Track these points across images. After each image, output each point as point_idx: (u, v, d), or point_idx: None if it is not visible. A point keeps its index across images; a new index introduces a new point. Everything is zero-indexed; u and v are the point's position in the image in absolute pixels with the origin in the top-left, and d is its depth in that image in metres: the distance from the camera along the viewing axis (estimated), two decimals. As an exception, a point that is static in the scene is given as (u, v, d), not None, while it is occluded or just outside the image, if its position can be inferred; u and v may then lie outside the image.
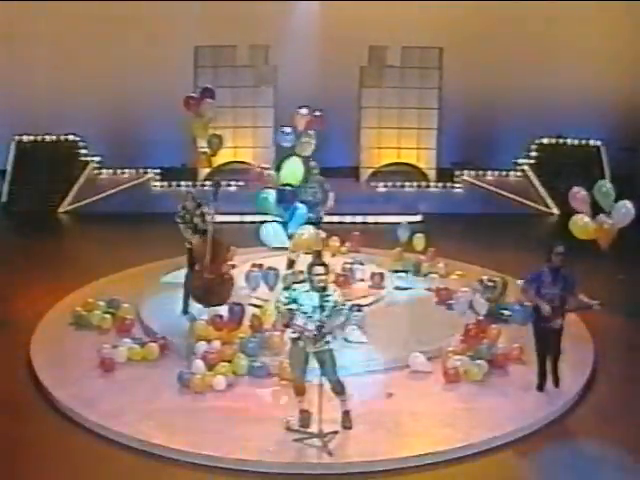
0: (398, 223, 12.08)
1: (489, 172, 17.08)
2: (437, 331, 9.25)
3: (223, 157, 17.14)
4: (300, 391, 7.11)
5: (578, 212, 8.62)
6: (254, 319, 8.98)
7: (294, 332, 6.82)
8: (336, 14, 16.75)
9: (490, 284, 9.67)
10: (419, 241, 11.84)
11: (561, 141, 17.06)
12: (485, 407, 7.70)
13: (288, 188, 9.19)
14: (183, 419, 7.38)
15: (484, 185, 16.95)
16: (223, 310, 9.05)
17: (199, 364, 8.22)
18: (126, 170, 16.96)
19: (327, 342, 6.95)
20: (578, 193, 8.48)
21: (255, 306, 9.23)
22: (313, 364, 7.01)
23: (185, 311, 9.49)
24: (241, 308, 8.95)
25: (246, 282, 9.12)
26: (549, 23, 16.99)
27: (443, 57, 16.87)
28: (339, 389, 7.10)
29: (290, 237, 8.75)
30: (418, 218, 14.61)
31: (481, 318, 9.33)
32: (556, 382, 8.14)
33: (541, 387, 8.05)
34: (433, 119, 17.19)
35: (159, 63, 16.70)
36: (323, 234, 10.54)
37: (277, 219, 9.23)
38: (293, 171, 9.93)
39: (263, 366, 8.28)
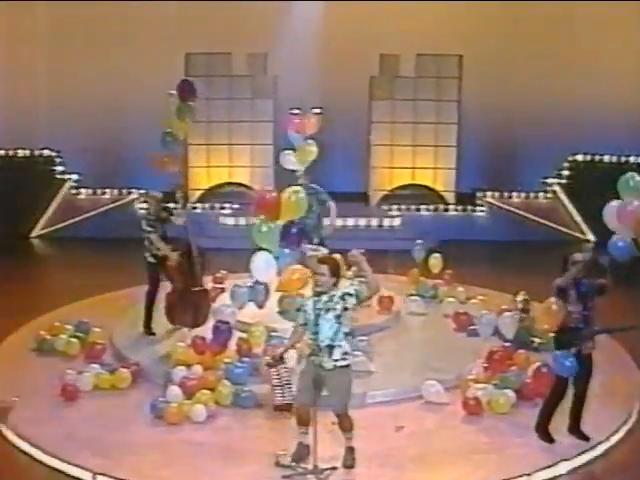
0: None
1: (515, 193, 16.76)
2: (455, 359, 8.93)
3: (217, 178, 16.99)
4: (303, 420, 6.67)
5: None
6: (242, 342, 8.74)
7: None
8: (342, 19, 16.57)
9: (524, 303, 9.34)
10: (436, 262, 11.58)
11: (597, 158, 16.67)
12: (512, 444, 7.26)
13: (294, 227, 8.59)
14: (153, 453, 7.02)
15: (509, 208, 16.59)
16: (206, 331, 8.86)
17: (175, 391, 7.89)
18: (107, 190, 16.74)
19: (336, 360, 6.51)
20: (630, 206, 6.64)
21: (242, 330, 8.98)
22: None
23: (148, 330, 9.48)
24: (227, 328, 8.65)
25: (231, 299, 8.69)
26: (583, 28, 16.72)
27: (463, 66, 16.63)
28: (346, 424, 6.75)
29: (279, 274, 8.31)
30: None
31: (507, 344, 8.88)
32: (576, 429, 7.30)
33: (546, 432, 7.25)
34: (452, 135, 16.89)
35: (146, 72, 16.53)
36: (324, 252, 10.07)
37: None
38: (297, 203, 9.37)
39: (251, 395, 7.92)
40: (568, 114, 16.49)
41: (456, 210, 16.66)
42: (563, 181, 16.79)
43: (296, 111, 10.68)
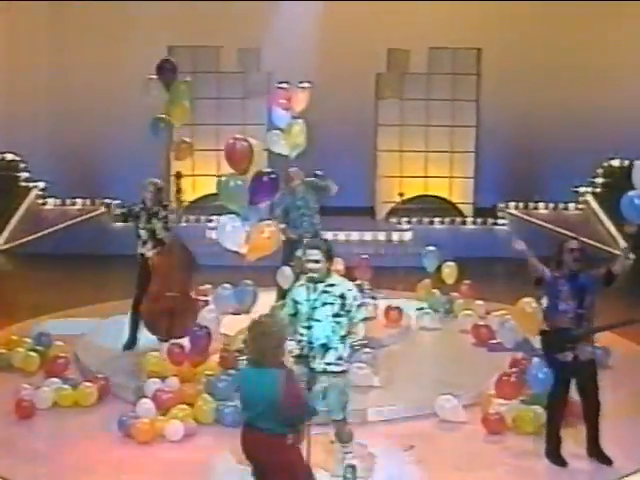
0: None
1: (541, 204, 16.69)
2: (474, 375, 8.83)
3: (204, 189, 16.83)
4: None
5: None
6: (226, 353, 8.56)
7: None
8: (345, 10, 16.56)
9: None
10: (450, 271, 11.42)
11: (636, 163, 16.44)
12: (540, 467, 7.07)
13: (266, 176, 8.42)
14: (119, 475, 6.89)
15: (535, 221, 16.43)
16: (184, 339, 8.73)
17: (148, 405, 7.73)
18: (78, 200, 16.63)
19: (328, 364, 6.36)
20: None
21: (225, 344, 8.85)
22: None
23: (130, 345, 9.43)
24: (206, 333, 8.48)
25: (214, 303, 8.46)
26: (617, 21, 16.62)
27: (482, 61, 16.60)
28: (344, 435, 6.62)
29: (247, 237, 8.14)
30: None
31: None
32: (596, 451, 7.06)
33: (558, 456, 7.02)
34: (469, 140, 16.84)
35: (122, 67, 16.51)
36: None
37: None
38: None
39: (236, 412, 7.55)
40: (602, 115, 16.37)
41: (474, 224, 16.56)
42: (597, 190, 16.59)
43: (283, 85, 10.49)
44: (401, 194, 14.56)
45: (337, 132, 16.14)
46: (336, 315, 6.30)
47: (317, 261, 6.34)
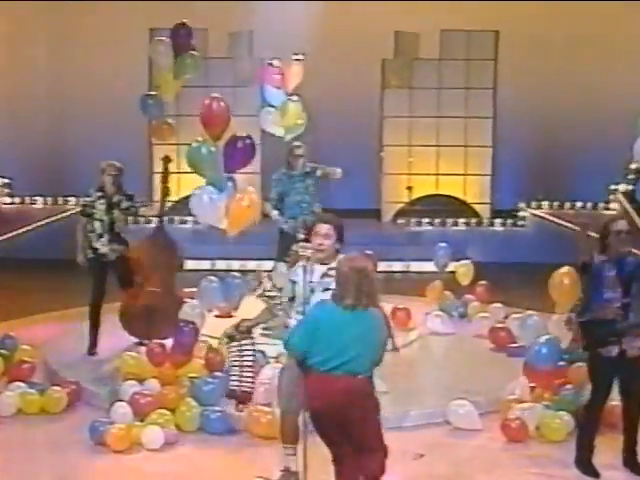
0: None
1: (568, 203, 16.65)
2: (492, 381, 8.82)
3: (189, 187, 16.77)
4: (290, 435, 6.50)
5: None
6: (212, 354, 8.59)
7: None
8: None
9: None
10: (465, 271, 11.49)
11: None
12: (571, 478, 7.01)
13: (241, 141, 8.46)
14: None
15: (561, 222, 16.27)
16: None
17: (124, 410, 7.76)
18: (39, 198, 16.68)
19: None
20: None
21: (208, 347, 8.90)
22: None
23: (92, 348, 9.58)
24: (192, 329, 8.47)
25: (198, 298, 8.43)
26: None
27: (500, 44, 16.53)
28: None
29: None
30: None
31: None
32: (633, 461, 7.00)
33: (589, 465, 6.95)
34: (486, 132, 16.78)
35: (98, 50, 16.55)
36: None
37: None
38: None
39: (223, 418, 7.80)
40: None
41: (492, 225, 16.51)
42: (630, 187, 16.47)
43: (275, 62, 10.53)
44: (409, 187, 14.53)
45: (338, 125, 16.11)
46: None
47: (328, 235, 6.26)
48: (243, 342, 6.57)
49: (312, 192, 10.39)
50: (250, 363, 6.61)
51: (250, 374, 6.62)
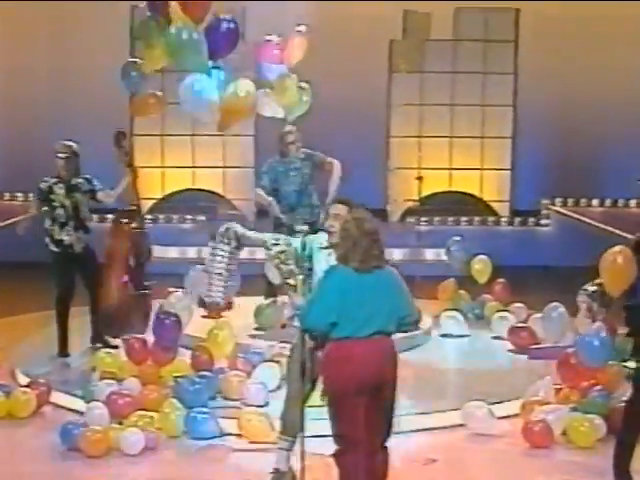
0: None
1: (595, 201, 16.66)
2: (512, 383, 9.01)
3: (175, 183, 16.85)
4: (289, 425, 6.62)
5: None
6: (200, 351, 8.73)
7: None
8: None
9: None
10: (482, 267, 11.57)
11: None
12: None
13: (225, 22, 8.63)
14: None
15: (588, 221, 16.34)
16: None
17: (99, 411, 7.80)
18: (6, 194, 16.86)
19: None
20: None
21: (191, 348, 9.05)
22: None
23: (62, 349, 9.77)
24: (174, 322, 8.53)
25: (185, 285, 8.51)
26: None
27: (520, 24, 16.52)
28: None
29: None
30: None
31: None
32: None
33: (627, 472, 6.87)
34: (505, 122, 16.74)
35: (69, 32, 16.62)
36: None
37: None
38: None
39: (211, 421, 7.84)
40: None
41: (511, 224, 16.50)
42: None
43: (274, 37, 10.55)
44: (419, 178, 14.51)
45: (339, 114, 16.06)
46: None
47: (338, 217, 6.33)
48: (219, 246, 6.56)
49: (309, 182, 10.47)
50: (221, 271, 6.62)
51: (220, 282, 6.63)
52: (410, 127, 16.85)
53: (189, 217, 16.28)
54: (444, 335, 10.68)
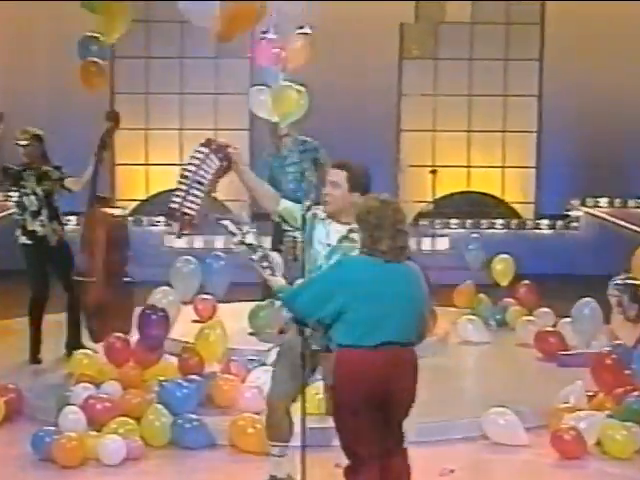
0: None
1: (631, 202, 16.79)
2: (538, 391, 9.03)
3: (159, 183, 16.88)
4: (280, 430, 6.64)
5: None
6: (188, 352, 8.76)
7: None
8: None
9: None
10: (504, 268, 11.69)
11: None
12: None
13: None
14: None
15: (623, 224, 16.43)
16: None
17: (75, 416, 7.82)
18: None
19: None
20: None
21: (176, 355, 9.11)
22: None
23: (35, 355, 9.85)
24: (162, 318, 8.57)
25: (171, 279, 8.60)
26: None
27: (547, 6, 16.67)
28: None
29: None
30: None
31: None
32: None
33: None
34: (530, 115, 16.94)
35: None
36: None
37: None
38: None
39: (200, 429, 7.90)
40: None
41: (537, 228, 16.61)
42: None
43: (270, 35, 10.50)
44: (434, 171, 14.55)
45: (346, 105, 16.16)
46: None
47: (337, 184, 6.30)
48: (211, 156, 6.54)
49: (309, 177, 10.51)
50: (202, 180, 6.58)
51: (198, 193, 6.58)
52: (423, 120, 17.02)
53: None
54: (463, 342, 10.77)
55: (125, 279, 9.61)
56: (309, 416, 6.22)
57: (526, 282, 11.75)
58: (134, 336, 8.77)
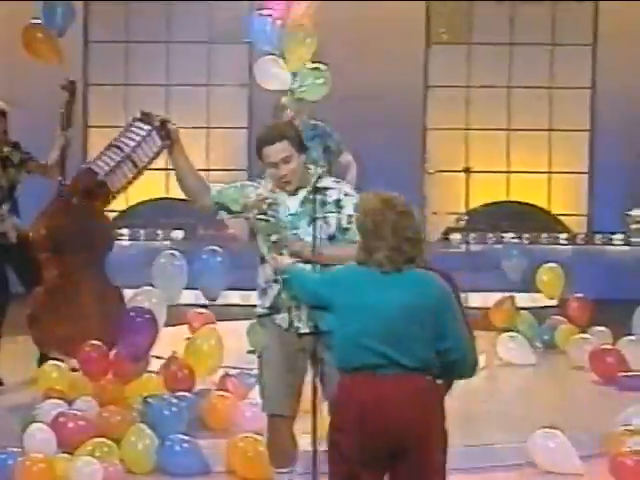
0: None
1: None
2: (598, 417, 9.11)
3: (146, 190, 16.94)
4: (283, 452, 6.73)
5: None
6: (176, 364, 8.92)
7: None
8: None
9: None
10: (552, 278, 11.76)
11: None
12: None
13: None
14: None
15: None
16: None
17: (43, 436, 7.84)
18: None
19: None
20: None
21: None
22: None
23: None
24: (148, 321, 8.60)
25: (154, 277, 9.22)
26: None
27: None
28: None
29: None
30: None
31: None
32: None
33: None
34: (581, 112, 17.04)
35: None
36: None
37: None
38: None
39: (192, 452, 7.90)
40: None
41: (589, 244, 16.69)
42: None
43: None
44: (467, 169, 14.55)
45: (362, 100, 16.23)
46: (331, 238, 6.50)
47: (285, 160, 6.51)
48: (139, 124, 6.63)
49: (319, 162, 10.42)
50: (138, 162, 6.66)
51: (128, 174, 6.66)
52: (453, 116, 17.18)
53: (160, 233, 16.66)
54: (504, 364, 10.87)
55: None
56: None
57: (578, 295, 11.84)
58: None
